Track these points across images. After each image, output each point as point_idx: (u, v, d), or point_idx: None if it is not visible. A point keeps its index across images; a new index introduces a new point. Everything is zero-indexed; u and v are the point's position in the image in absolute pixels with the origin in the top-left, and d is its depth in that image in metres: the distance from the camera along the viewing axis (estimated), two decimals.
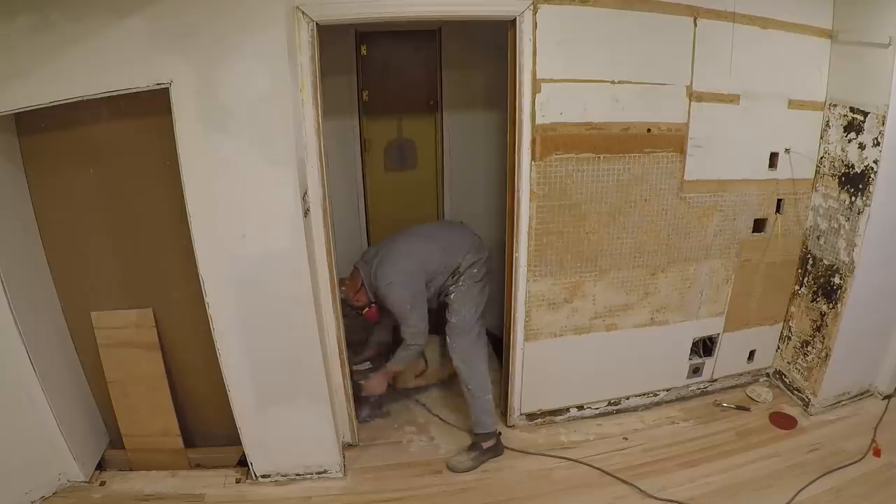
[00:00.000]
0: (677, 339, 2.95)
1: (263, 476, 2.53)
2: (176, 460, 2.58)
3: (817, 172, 2.80)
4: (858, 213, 2.60)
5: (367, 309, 2.73)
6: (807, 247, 2.93)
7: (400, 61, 3.37)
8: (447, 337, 2.69)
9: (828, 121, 2.71)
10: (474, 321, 2.67)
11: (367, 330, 3.12)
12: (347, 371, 2.64)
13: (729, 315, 2.98)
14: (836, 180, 2.70)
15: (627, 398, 3.01)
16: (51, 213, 2.29)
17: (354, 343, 3.11)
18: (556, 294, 2.67)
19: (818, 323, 2.88)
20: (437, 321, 2.80)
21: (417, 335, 2.65)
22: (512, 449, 2.75)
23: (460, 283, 2.66)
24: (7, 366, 2.20)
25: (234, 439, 2.48)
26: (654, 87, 2.43)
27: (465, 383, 2.67)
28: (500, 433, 2.75)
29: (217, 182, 2.07)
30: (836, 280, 2.76)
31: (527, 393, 2.84)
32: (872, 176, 2.52)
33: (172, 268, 2.33)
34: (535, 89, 2.31)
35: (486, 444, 2.67)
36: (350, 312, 2.77)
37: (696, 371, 3.06)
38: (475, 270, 2.67)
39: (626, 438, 2.83)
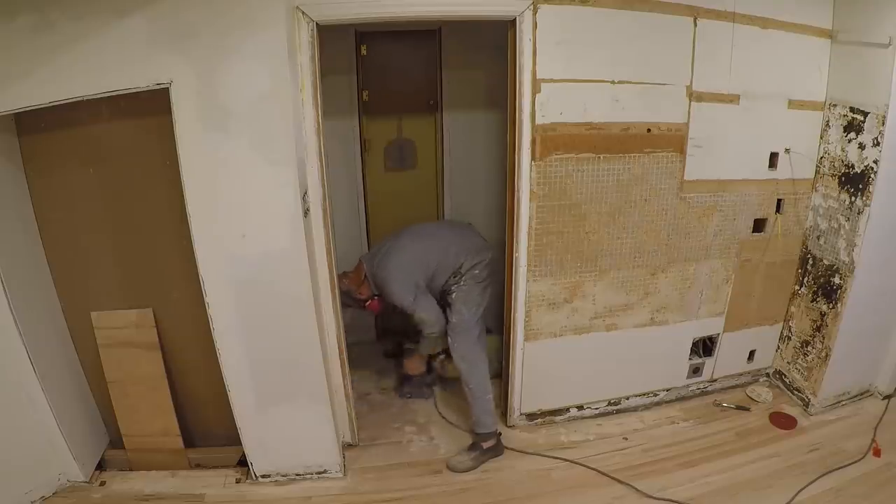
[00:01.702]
0: (677, 339, 2.95)
1: (263, 476, 2.53)
2: (176, 460, 2.58)
3: (817, 172, 2.80)
4: (858, 213, 2.60)
5: (369, 301, 2.83)
6: (807, 247, 2.93)
7: (400, 61, 3.36)
8: (448, 336, 2.70)
9: (828, 121, 2.71)
10: (475, 321, 2.69)
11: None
12: (348, 370, 2.64)
13: (729, 315, 2.98)
14: (836, 180, 2.70)
15: (627, 398, 3.01)
16: (51, 213, 2.29)
17: (354, 344, 3.13)
18: (556, 294, 2.67)
19: (818, 323, 2.88)
20: None
21: (428, 324, 2.71)
22: (512, 449, 2.75)
23: (462, 283, 2.68)
24: (7, 366, 2.20)
25: (234, 439, 2.48)
26: (654, 87, 2.43)
27: (465, 383, 2.68)
28: (500, 433, 2.75)
29: (217, 182, 2.07)
30: (836, 280, 2.76)
31: (527, 393, 2.84)
32: (872, 176, 2.52)
33: (172, 268, 2.33)
34: (535, 89, 2.31)
35: (486, 444, 2.68)
36: (352, 304, 2.86)
37: (696, 371, 3.06)
38: (477, 272, 2.69)
39: (626, 438, 2.83)
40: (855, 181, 2.61)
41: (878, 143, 2.48)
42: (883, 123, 2.44)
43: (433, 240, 2.76)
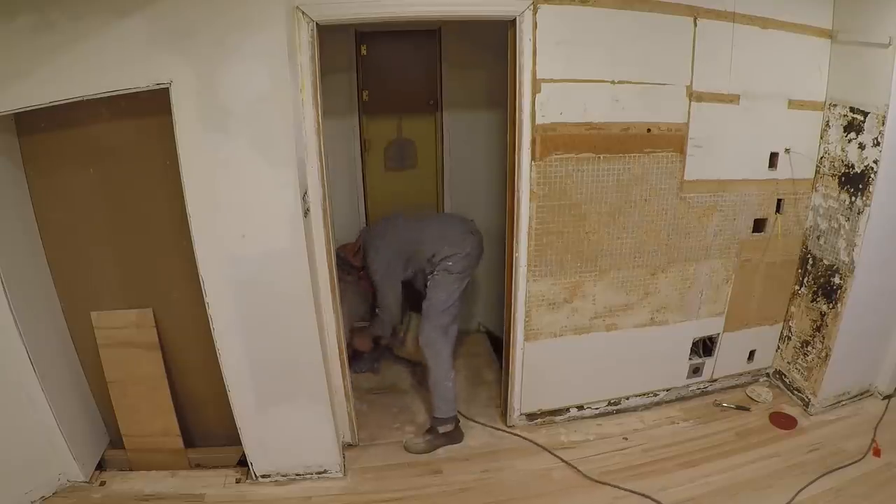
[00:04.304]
0: (677, 339, 2.95)
1: (263, 476, 2.53)
2: (176, 460, 2.58)
3: (817, 172, 2.79)
4: (858, 213, 2.60)
5: (361, 272, 3.01)
6: (807, 247, 2.93)
7: (400, 61, 3.36)
8: (420, 321, 2.84)
9: (828, 121, 2.70)
10: (441, 310, 2.75)
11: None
12: (348, 371, 2.64)
13: (729, 315, 2.98)
14: (836, 180, 2.70)
15: (627, 398, 3.01)
16: (51, 213, 2.29)
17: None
18: (556, 294, 2.67)
19: (818, 323, 2.88)
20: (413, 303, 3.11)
21: (384, 308, 2.98)
22: (517, 437, 2.79)
23: (435, 273, 2.77)
24: (7, 366, 2.20)
25: (234, 439, 2.48)
26: (654, 87, 2.43)
27: (427, 367, 2.79)
28: (458, 421, 2.84)
29: (217, 182, 2.07)
30: (836, 280, 2.76)
31: (527, 393, 2.84)
32: (872, 176, 2.52)
33: (172, 268, 2.33)
34: (535, 89, 2.31)
35: (442, 429, 2.77)
36: (351, 273, 3.00)
37: (696, 371, 3.06)
38: (450, 263, 2.75)
39: (626, 438, 2.83)
40: (855, 181, 2.61)
41: (878, 143, 2.48)
42: (883, 123, 2.44)
43: (413, 230, 2.89)
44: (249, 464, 2.51)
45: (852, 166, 2.61)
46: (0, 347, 2.17)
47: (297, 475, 2.55)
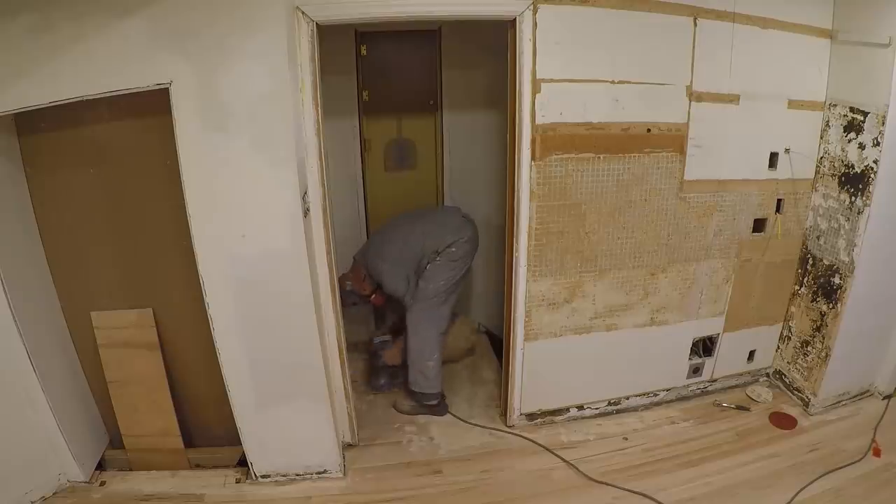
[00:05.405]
0: (677, 340, 2.95)
1: (263, 476, 2.53)
2: (176, 460, 2.58)
3: (817, 172, 2.80)
4: (858, 213, 2.60)
5: (373, 296, 3.04)
6: (807, 247, 2.93)
7: (400, 61, 3.37)
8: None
9: (828, 121, 2.71)
10: (436, 293, 2.86)
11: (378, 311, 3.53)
12: (347, 370, 2.64)
13: (729, 315, 2.98)
14: (836, 180, 2.70)
15: (627, 398, 3.01)
16: (51, 213, 2.29)
17: (353, 345, 3.16)
18: (556, 294, 2.67)
19: (818, 323, 2.89)
20: None
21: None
22: (517, 437, 2.80)
23: (437, 260, 2.85)
24: (7, 366, 2.20)
25: (234, 439, 2.48)
26: (654, 87, 2.43)
27: (408, 344, 2.94)
28: (444, 397, 3.01)
29: (217, 182, 2.07)
30: (836, 280, 2.76)
31: (527, 393, 2.84)
32: (872, 176, 2.52)
33: (172, 268, 2.33)
34: (535, 89, 2.31)
35: (426, 402, 2.96)
36: (358, 301, 3.03)
37: (695, 371, 3.06)
38: (453, 250, 2.86)
39: (626, 438, 2.83)
40: (855, 181, 2.61)
41: (878, 143, 2.48)
42: (883, 123, 2.44)
43: (415, 227, 2.93)
44: (249, 464, 2.51)
45: (852, 166, 2.61)
46: (0, 347, 2.17)
47: (297, 475, 2.55)
